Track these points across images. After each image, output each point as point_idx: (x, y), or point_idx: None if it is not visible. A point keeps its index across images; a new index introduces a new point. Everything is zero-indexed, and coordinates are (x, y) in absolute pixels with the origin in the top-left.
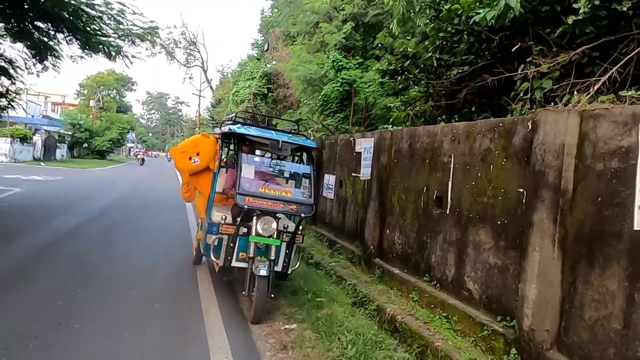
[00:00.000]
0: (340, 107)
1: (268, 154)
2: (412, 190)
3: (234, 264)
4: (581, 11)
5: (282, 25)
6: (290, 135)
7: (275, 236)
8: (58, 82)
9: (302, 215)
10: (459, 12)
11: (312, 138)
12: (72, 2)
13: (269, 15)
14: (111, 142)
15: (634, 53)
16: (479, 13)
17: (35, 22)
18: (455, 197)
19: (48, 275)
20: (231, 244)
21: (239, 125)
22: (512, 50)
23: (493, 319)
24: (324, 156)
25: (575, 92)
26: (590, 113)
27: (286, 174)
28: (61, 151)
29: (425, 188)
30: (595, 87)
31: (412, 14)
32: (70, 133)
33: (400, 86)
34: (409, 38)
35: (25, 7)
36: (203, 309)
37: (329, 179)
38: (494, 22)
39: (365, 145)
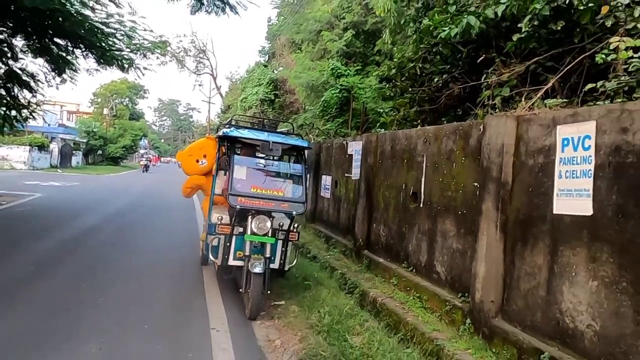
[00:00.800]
0: (340, 112)
1: (263, 155)
2: (394, 187)
3: (231, 262)
4: (524, 30)
5: (287, 33)
6: (283, 135)
7: (270, 234)
8: (72, 91)
9: (294, 213)
10: (430, 29)
11: (312, 141)
12: (89, 21)
13: (276, 22)
14: (124, 149)
15: (569, 67)
16: (445, 30)
17: (55, 39)
18: (427, 192)
19: (74, 265)
20: (227, 244)
21: (232, 128)
22: (478, 61)
23: (455, 296)
24: (321, 159)
25: (522, 99)
26: (524, 118)
27: (279, 174)
28: (77, 158)
29: (404, 185)
30: (538, 95)
31: (404, 24)
32: (85, 140)
33: (388, 93)
34: (403, 46)
35: (46, 24)
36: (205, 289)
37: (326, 180)
38: (459, 37)
39: (355, 147)
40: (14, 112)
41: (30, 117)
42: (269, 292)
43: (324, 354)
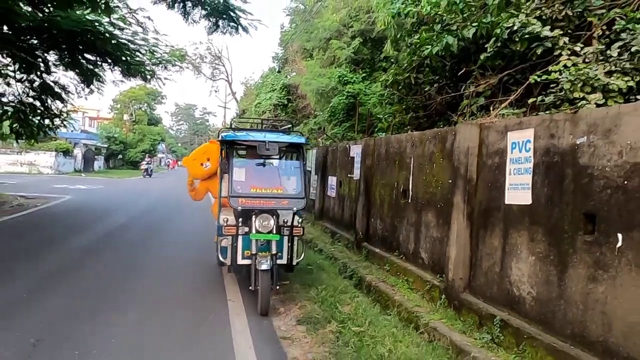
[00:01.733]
0: (347, 117)
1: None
2: (388, 186)
3: (240, 262)
4: (489, 49)
5: (298, 41)
6: (281, 134)
7: (274, 231)
8: (92, 98)
9: (295, 209)
10: (417, 45)
11: (321, 144)
12: (116, 38)
13: (288, 29)
14: (144, 153)
15: (528, 81)
16: (429, 48)
17: (85, 54)
18: (414, 189)
19: (113, 253)
20: (235, 244)
21: (229, 132)
22: (458, 74)
23: (434, 277)
24: (328, 161)
25: (491, 109)
26: (485, 125)
27: (278, 172)
28: (98, 163)
29: (396, 183)
30: (502, 105)
31: (400, 38)
32: (106, 146)
33: (387, 100)
34: (404, 54)
35: (78, 42)
36: (223, 271)
37: (332, 181)
38: (441, 54)
39: (356, 150)
40: (47, 121)
41: (62, 125)
42: (277, 287)
43: (318, 316)
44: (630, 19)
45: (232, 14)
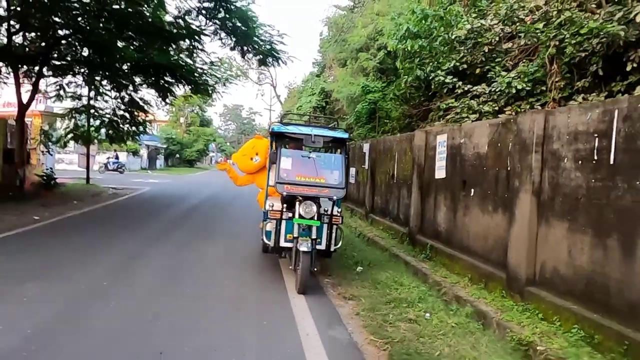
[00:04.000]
0: (369, 120)
1: (307, 147)
2: (384, 172)
3: (283, 244)
4: (438, 77)
5: (333, 52)
6: (326, 129)
7: (316, 218)
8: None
9: (334, 197)
10: (403, 72)
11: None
12: (190, 66)
13: (327, 36)
14: (198, 152)
15: (442, 110)
16: (405, 77)
17: (165, 77)
18: (397, 173)
19: (190, 224)
20: (278, 227)
21: (279, 124)
22: (429, 94)
23: (404, 228)
24: (349, 156)
25: (443, 118)
26: (427, 131)
27: (321, 163)
28: (159, 161)
29: (388, 170)
30: (447, 117)
31: (401, 61)
32: (165, 146)
33: (393, 108)
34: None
35: (162, 69)
36: None
37: (352, 171)
38: (413, 82)
39: (366, 147)
40: (133, 128)
41: (143, 132)
42: (316, 269)
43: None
44: (497, 70)
45: (275, 54)
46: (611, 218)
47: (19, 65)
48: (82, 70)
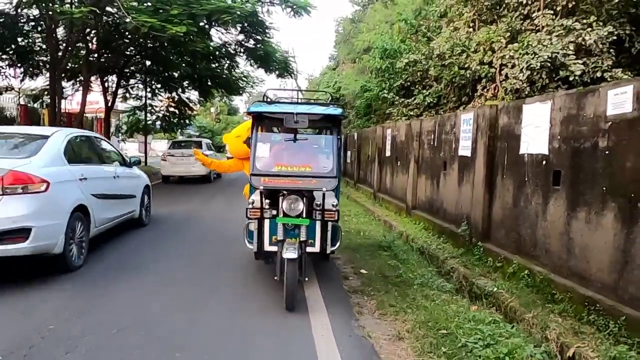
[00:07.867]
0: (367, 113)
1: (292, 129)
2: (365, 153)
3: (268, 248)
4: (389, 94)
5: (343, 52)
6: (316, 106)
7: (304, 215)
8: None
9: (324, 189)
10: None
11: (350, 132)
12: (227, 74)
13: (341, 32)
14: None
15: (392, 114)
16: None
17: (207, 83)
18: (371, 153)
19: (233, 188)
20: (261, 228)
21: (259, 103)
22: (394, 102)
23: (372, 189)
24: (347, 141)
25: (390, 118)
26: (383, 126)
27: (307, 148)
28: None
29: (367, 152)
30: (391, 118)
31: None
32: (197, 134)
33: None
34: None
35: (206, 77)
36: None
37: (349, 153)
38: (376, 96)
39: (356, 136)
40: (181, 121)
41: (190, 124)
42: (306, 279)
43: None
44: (419, 89)
45: (288, 69)
46: (435, 171)
47: (105, 77)
48: (143, 77)
